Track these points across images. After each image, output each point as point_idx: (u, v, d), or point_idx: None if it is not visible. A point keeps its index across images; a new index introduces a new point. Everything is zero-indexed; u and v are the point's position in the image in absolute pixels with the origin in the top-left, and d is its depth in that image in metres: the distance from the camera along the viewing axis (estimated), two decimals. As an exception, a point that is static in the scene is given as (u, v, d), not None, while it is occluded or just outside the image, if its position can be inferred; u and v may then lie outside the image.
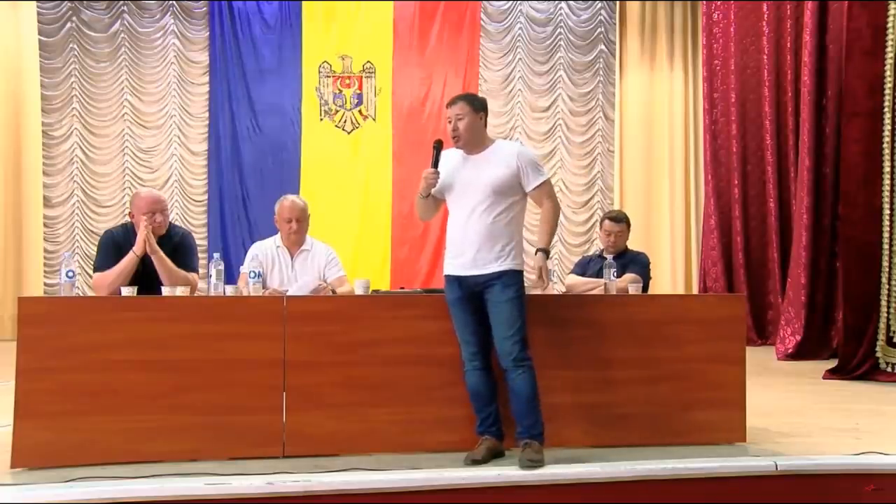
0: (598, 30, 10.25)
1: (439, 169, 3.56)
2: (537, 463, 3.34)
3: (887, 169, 6.04)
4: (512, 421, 3.49)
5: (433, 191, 3.58)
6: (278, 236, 4.47)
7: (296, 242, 4.42)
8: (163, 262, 3.92)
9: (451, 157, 3.62)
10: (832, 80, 7.25)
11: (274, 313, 3.56)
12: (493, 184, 3.48)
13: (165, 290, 3.66)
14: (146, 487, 3.05)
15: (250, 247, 4.56)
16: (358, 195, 9.77)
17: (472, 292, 3.50)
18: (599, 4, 10.25)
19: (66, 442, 3.35)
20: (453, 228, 3.58)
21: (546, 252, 3.58)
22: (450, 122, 3.58)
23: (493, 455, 3.47)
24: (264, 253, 4.40)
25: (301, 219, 4.40)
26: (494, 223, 3.48)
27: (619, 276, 4.27)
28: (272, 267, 4.38)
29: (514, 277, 3.47)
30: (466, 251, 3.49)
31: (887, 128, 6.05)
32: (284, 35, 9.74)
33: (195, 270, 4.12)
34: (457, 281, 3.52)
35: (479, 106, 3.59)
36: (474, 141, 3.56)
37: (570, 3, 10.24)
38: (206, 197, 9.65)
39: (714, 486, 3.37)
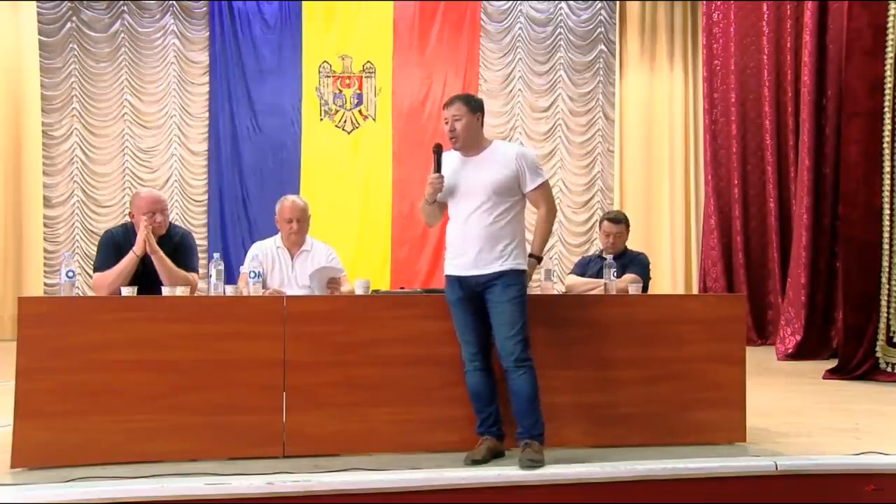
0: (598, 30, 10.24)
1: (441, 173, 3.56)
2: (537, 463, 3.34)
3: (887, 169, 6.04)
4: (512, 421, 3.49)
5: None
6: (278, 236, 4.47)
7: (296, 243, 4.42)
8: (163, 262, 3.92)
9: (448, 159, 3.61)
10: (832, 80, 7.25)
11: (274, 313, 3.56)
12: (493, 185, 3.48)
13: (165, 290, 3.66)
14: (146, 487, 3.05)
15: (250, 247, 4.56)
16: (358, 195, 9.76)
17: (472, 292, 3.50)
18: (599, 4, 10.25)
19: (66, 442, 3.35)
20: (453, 229, 3.57)
21: (538, 259, 3.59)
22: (446, 123, 3.56)
23: (494, 455, 3.47)
24: (264, 253, 4.40)
25: (301, 219, 4.40)
26: (495, 223, 3.48)
27: (618, 276, 4.27)
28: (272, 267, 4.38)
29: (515, 277, 3.47)
30: (468, 251, 3.48)
31: (887, 128, 6.04)
32: (284, 35, 9.74)
33: (195, 270, 4.12)
34: (457, 281, 3.52)
35: (475, 106, 3.58)
36: (472, 142, 3.56)
37: (570, 3, 10.24)
38: (206, 197, 9.65)
39: (714, 486, 3.37)
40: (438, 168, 3.54)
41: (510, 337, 3.41)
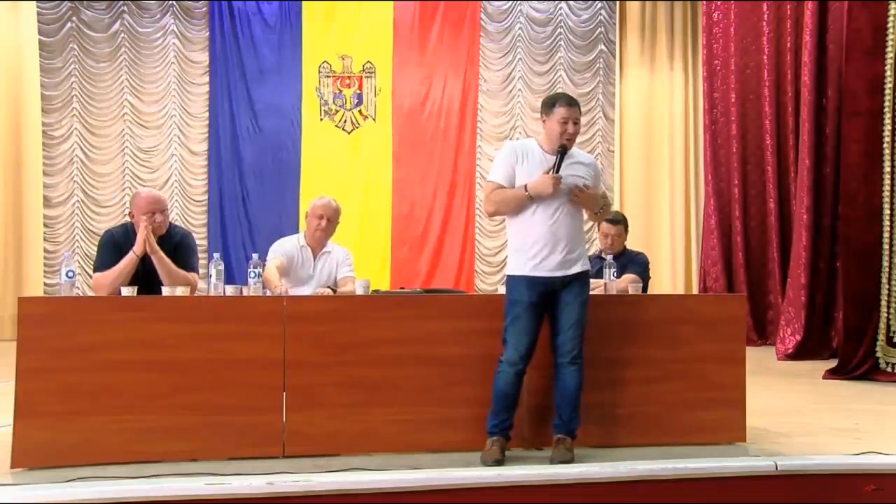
0: (598, 30, 10.25)
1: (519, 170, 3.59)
2: (569, 459, 3.41)
3: (887, 169, 6.04)
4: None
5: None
6: (301, 235, 4.53)
7: (320, 241, 4.48)
8: (163, 262, 3.92)
9: (532, 153, 3.59)
10: (832, 80, 7.25)
11: (274, 313, 3.56)
12: (582, 187, 3.55)
13: (165, 290, 3.66)
14: (146, 487, 3.04)
15: (273, 244, 4.56)
16: (358, 195, 9.75)
17: (547, 294, 3.52)
18: (599, 4, 10.25)
19: (66, 442, 3.35)
20: (536, 229, 3.53)
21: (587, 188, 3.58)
22: (565, 122, 3.55)
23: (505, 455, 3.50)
24: (288, 251, 4.44)
25: (332, 219, 4.49)
26: (576, 224, 3.58)
27: (618, 276, 4.27)
28: (294, 265, 4.42)
29: (587, 279, 3.60)
30: (556, 252, 3.51)
31: (887, 128, 6.04)
32: (284, 35, 9.74)
33: (195, 270, 4.12)
34: (535, 282, 3.50)
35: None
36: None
37: (570, 3, 10.24)
38: (206, 197, 9.65)
39: (714, 486, 3.37)
40: (558, 169, 3.50)
41: (575, 336, 3.50)
